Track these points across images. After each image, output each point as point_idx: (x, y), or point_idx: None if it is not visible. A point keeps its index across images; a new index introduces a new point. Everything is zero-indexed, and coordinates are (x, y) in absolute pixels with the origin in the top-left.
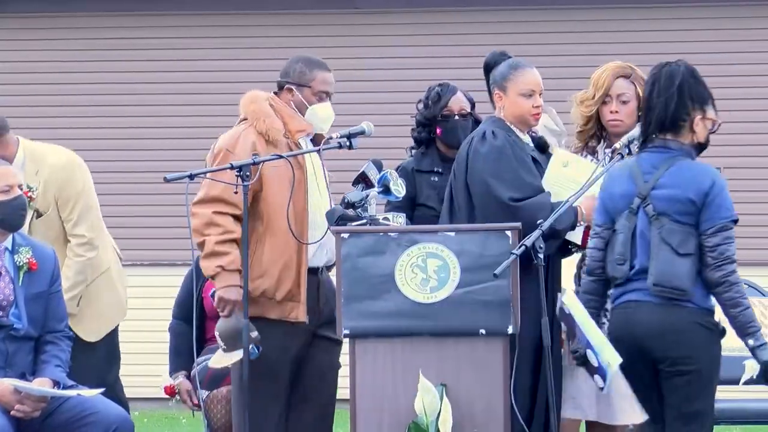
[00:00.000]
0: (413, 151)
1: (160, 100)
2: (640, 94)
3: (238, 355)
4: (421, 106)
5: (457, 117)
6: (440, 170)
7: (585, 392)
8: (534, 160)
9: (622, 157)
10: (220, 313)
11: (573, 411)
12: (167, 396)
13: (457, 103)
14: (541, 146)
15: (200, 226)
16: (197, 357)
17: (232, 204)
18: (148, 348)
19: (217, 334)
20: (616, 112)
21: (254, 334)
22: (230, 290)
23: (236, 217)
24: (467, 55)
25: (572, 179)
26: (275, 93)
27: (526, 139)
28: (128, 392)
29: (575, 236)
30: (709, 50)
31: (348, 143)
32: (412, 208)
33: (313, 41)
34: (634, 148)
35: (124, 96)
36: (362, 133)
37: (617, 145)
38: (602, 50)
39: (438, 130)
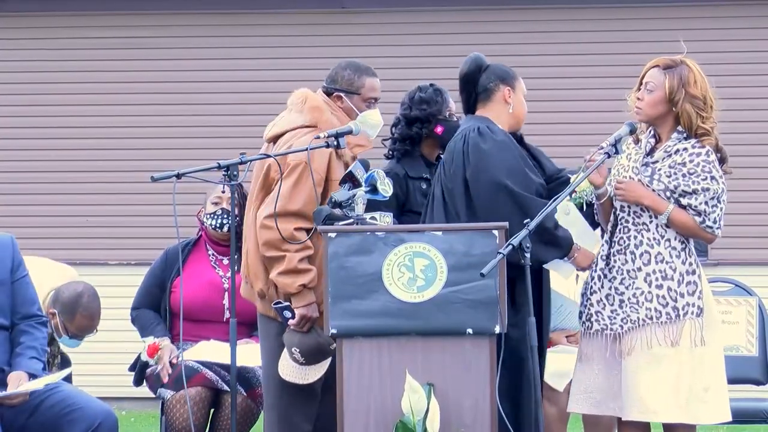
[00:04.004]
0: (394, 153)
1: (148, 99)
2: (671, 87)
3: (317, 371)
4: (418, 102)
5: (455, 117)
6: (428, 176)
7: (601, 387)
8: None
9: (609, 156)
10: (299, 329)
11: (589, 407)
12: (148, 358)
13: (452, 105)
14: (518, 138)
15: (279, 241)
16: None
17: (309, 219)
18: (135, 347)
19: (295, 349)
20: (639, 99)
21: (333, 346)
22: (312, 308)
23: (308, 231)
24: (455, 55)
25: (572, 224)
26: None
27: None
28: (116, 392)
29: (563, 270)
30: (709, 50)
31: (335, 143)
32: (400, 212)
33: (300, 40)
34: (621, 147)
35: (112, 95)
36: (349, 132)
37: (604, 144)
38: (596, 50)
39: (439, 128)
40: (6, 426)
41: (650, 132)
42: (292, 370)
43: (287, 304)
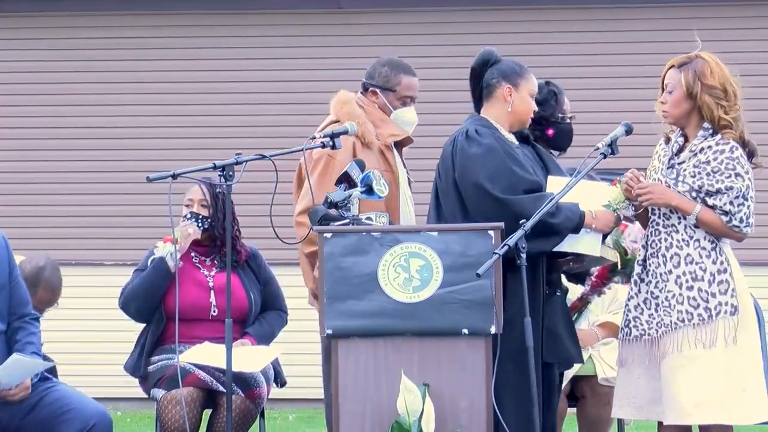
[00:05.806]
0: None
1: (144, 100)
2: (687, 82)
3: None
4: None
5: (569, 119)
6: None
7: (643, 392)
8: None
9: (605, 156)
10: None
11: (633, 412)
12: (164, 245)
13: (567, 104)
14: (524, 137)
15: (311, 238)
16: (152, 356)
17: None
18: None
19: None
20: (663, 102)
21: None
22: None
23: None
24: (452, 55)
25: (592, 195)
26: (361, 93)
27: (510, 137)
28: (111, 392)
29: (587, 243)
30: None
31: (331, 143)
32: None
33: (296, 41)
34: (617, 147)
35: (108, 96)
36: (345, 132)
37: (599, 144)
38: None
39: (551, 131)
40: (2, 426)
41: (679, 132)
42: None
43: None
